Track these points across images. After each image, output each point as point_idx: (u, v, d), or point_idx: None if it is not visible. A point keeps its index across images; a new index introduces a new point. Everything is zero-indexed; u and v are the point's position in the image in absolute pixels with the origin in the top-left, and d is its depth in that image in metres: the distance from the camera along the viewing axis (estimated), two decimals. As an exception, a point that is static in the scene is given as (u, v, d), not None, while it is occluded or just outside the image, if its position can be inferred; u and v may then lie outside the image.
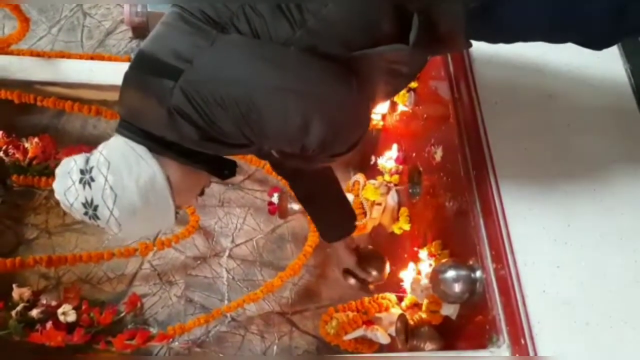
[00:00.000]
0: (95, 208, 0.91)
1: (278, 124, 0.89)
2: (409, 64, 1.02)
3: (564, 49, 1.36)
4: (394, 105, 1.79)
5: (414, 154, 1.64)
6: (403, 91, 1.67)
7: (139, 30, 2.16)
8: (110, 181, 0.90)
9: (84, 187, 0.90)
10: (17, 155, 1.66)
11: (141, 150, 0.93)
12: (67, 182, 0.92)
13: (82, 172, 0.91)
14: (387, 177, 1.75)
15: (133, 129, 0.94)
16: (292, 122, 0.88)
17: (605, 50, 1.05)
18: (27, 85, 1.88)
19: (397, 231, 1.67)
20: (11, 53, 1.93)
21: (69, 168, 0.93)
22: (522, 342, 1.07)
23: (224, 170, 1.06)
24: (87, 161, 0.93)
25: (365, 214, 1.70)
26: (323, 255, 1.93)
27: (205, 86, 0.85)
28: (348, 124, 0.94)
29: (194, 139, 0.90)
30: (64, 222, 1.81)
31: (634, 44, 1.47)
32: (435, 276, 1.25)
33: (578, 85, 1.39)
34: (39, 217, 1.81)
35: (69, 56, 1.94)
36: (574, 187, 1.26)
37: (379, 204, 1.68)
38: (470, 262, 1.24)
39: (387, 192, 1.68)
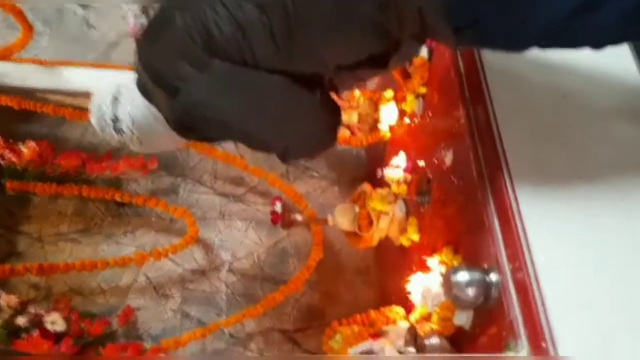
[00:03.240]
0: (127, 144, 1.14)
1: (255, 143, 1.09)
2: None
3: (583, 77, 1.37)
4: (402, 115, 1.75)
5: (422, 163, 1.59)
6: (411, 97, 1.63)
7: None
8: (137, 134, 1.09)
9: (117, 132, 1.10)
10: (13, 159, 1.61)
11: (157, 112, 1.06)
12: (102, 123, 1.10)
13: (113, 120, 1.09)
14: (394, 188, 1.69)
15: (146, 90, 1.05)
16: (272, 145, 1.08)
17: (618, 51, 1.03)
18: (27, 93, 1.85)
19: (406, 243, 1.60)
20: (13, 61, 1.91)
21: (101, 110, 1.09)
22: (543, 345, 0.99)
23: None
24: (115, 108, 1.08)
25: (371, 223, 1.63)
26: (327, 270, 1.85)
27: (198, 108, 0.97)
28: (321, 143, 1.13)
29: (192, 137, 1.11)
30: (58, 231, 1.75)
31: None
32: (448, 280, 1.17)
33: (592, 86, 1.34)
34: (32, 225, 1.75)
35: (71, 64, 1.92)
36: (593, 188, 1.19)
37: (386, 214, 1.61)
38: (485, 266, 1.17)
39: (395, 201, 1.62)
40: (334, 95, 1.11)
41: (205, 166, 1.98)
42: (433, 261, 1.38)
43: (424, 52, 1.55)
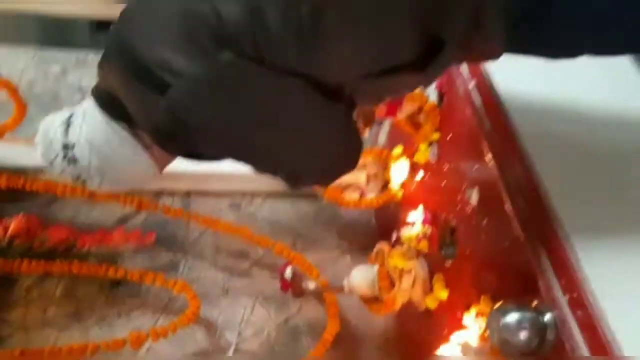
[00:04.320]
0: (84, 181, 0.94)
1: (266, 165, 0.90)
2: (418, 83, 0.98)
3: (601, 83, 1.31)
4: (414, 169, 1.66)
5: (443, 215, 1.47)
6: (424, 146, 1.55)
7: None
8: (95, 163, 0.90)
9: (68, 164, 0.91)
10: (-3, 232, 1.48)
11: (122, 131, 0.90)
12: (50, 154, 0.92)
13: (64, 147, 0.90)
14: (414, 245, 1.55)
15: (109, 99, 0.88)
16: (282, 165, 0.88)
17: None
18: (18, 172, 1.76)
19: (432, 305, 1.43)
20: (4, 140, 1.84)
21: (49, 136, 0.92)
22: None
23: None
24: (66, 132, 0.90)
25: (393, 284, 1.48)
26: (344, 347, 1.66)
27: (192, 110, 0.77)
28: (340, 166, 0.93)
29: (174, 150, 0.90)
30: (45, 316, 1.57)
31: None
32: (495, 322, 1.01)
33: (622, 120, 1.26)
34: (16, 311, 1.57)
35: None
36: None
37: (409, 272, 1.46)
38: (535, 304, 1.01)
39: (417, 256, 1.48)
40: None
41: (207, 240, 1.84)
42: (469, 317, 1.22)
43: (433, 97, 1.50)
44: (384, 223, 1.94)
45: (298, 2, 0.73)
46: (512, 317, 0.99)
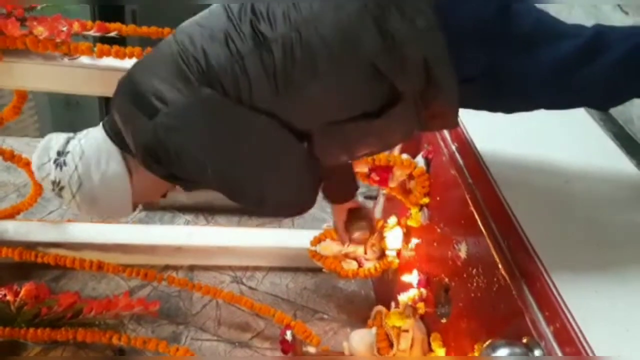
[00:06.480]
0: (61, 189, 0.99)
1: (232, 187, 0.98)
2: (384, 134, 1.03)
3: (569, 142, 1.43)
4: (408, 236, 1.74)
5: (436, 275, 1.53)
6: (415, 210, 1.64)
7: (149, 204, 2.22)
8: (79, 170, 0.97)
9: (56, 167, 0.98)
10: (7, 298, 1.52)
11: (114, 150, 1.00)
12: (44, 157, 0.99)
13: (59, 153, 0.98)
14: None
15: (113, 129, 0.99)
16: (244, 189, 0.98)
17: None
18: (29, 247, 1.84)
19: (432, 364, 1.45)
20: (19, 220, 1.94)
21: (50, 145, 1.00)
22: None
23: (188, 183, 1.05)
24: (67, 143, 1.00)
25: (391, 345, 1.50)
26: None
27: (174, 133, 0.90)
28: (296, 200, 1.04)
29: (156, 170, 0.96)
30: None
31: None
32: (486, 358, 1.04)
33: (590, 173, 1.37)
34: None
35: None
36: (615, 254, 1.15)
37: (406, 331, 1.49)
38: (524, 341, 1.05)
39: (414, 315, 1.51)
40: None
41: (209, 313, 1.87)
42: (465, 367, 1.24)
43: (421, 163, 1.61)
44: (382, 292, 1.98)
45: (268, 50, 0.87)
46: (502, 352, 1.03)
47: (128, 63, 1.49)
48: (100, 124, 1.02)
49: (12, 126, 2.63)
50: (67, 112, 3.48)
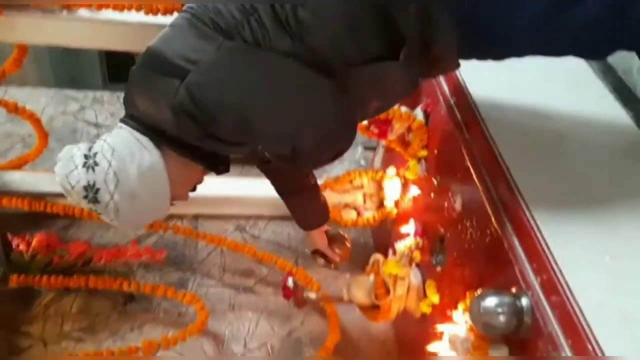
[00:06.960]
0: (97, 191, 0.96)
1: (270, 131, 0.97)
2: (399, 81, 1.07)
3: (566, 95, 1.45)
4: (406, 187, 1.78)
5: (432, 225, 1.58)
6: (413, 162, 1.67)
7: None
8: (114, 166, 0.96)
9: (87, 170, 0.96)
10: (20, 247, 1.59)
11: (144, 139, 1.00)
12: (69, 166, 0.97)
13: (85, 157, 0.97)
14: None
15: (136, 121, 1.01)
16: (283, 130, 0.97)
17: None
18: (37, 197, 1.89)
19: (427, 309, 1.52)
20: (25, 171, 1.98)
21: (71, 153, 0.99)
22: (589, 347, 0.91)
23: (219, 166, 1.12)
24: (90, 148, 0.99)
25: (388, 291, 1.57)
26: (345, 355, 1.73)
27: (208, 88, 0.91)
28: (335, 135, 1.03)
29: (194, 135, 0.96)
30: (62, 331, 1.67)
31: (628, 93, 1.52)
32: (475, 308, 1.10)
33: (586, 127, 1.39)
34: (35, 325, 1.67)
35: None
36: (600, 202, 1.19)
37: (403, 278, 1.56)
38: (513, 290, 1.11)
39: (410, 264, 1.57)
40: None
41: (214, 260, 1.95)
42: (458, 313, 1.31)
43: (420, 116, 1.63)
44: (381, 240, 2.05)
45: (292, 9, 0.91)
46: (491, 301, 1.08)
47: (127, 15, 1.49)
48: (118, 123, 1.03)
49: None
50: (66, 58, 3.46)
